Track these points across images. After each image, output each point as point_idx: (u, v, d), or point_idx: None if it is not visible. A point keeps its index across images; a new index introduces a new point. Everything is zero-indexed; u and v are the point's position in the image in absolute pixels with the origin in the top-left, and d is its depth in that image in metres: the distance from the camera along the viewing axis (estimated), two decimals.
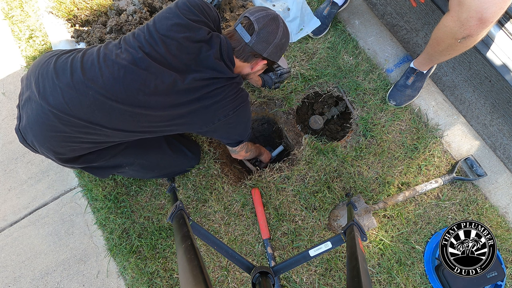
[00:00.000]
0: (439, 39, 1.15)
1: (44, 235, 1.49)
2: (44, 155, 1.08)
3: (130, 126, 0.99)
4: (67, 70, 0.93)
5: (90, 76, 0.91)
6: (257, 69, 1.15)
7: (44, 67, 0.97)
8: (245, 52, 1.06)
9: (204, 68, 0.98)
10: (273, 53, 1.09)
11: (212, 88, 1.00)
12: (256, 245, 1.40)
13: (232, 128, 1.14)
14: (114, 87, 0.91)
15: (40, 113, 0.94)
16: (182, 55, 0.96)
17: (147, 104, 0.94)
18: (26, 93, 1.00)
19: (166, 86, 0.94)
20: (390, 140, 1.52)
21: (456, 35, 1.05)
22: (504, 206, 1.47)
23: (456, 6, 0.99)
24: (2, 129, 1.67)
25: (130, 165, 1.24)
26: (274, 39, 1.06)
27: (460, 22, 1.00)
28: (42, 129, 0.96)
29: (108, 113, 0.94)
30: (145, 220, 1.47)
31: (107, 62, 0.93)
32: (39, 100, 0.93)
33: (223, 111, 1.04)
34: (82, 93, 0.91)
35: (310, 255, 0.85)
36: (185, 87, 0.96)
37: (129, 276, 1.41)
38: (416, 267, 1.36)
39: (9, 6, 1.91)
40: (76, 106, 0.92)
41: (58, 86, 0.92)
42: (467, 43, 1.08)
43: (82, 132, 0.97)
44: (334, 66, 1.63)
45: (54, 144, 0.99)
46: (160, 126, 1.03)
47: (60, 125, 0.94)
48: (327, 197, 1.44)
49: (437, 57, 1.27)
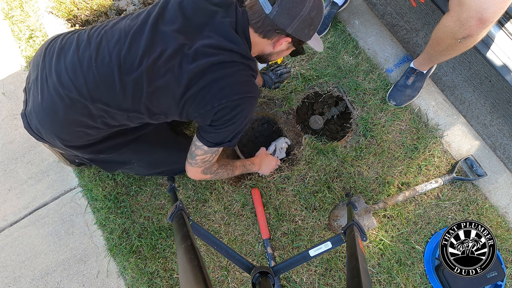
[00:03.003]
0: (439, 39, 1.15)
1: (44, 235, 1.49)
2: (49, 143, 1.02)
3: (130, 101, 0.90)
4: (73, 46, 0.89)
5: (95, 48, 0.86)
6: (280, 48, 0.97)
7: (50, 46, 0.94)
8: (265, 26, 0.89)
9: (216, 35, 0.86)
10: (299, 29, 0.90)
11: (220, 59, 0.86)
12: (256, 245, 1.40)
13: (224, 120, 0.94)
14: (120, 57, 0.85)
15: (45, 94, 0.90)
16: (195, 16, 0.87)
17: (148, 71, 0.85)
18: (33, 74, 0.95)
19: (172, 51, 0.85)
20: (390, 140, 1.52)
21: (456, 35, 1.05)
22: (504, 206, 1.47)
23: (456, 6, 0.99)
24: (2, 129, 1.67)
25: (139, 161, 1.22)
26: (300, 11, 0.86)
27: (460, 22, 1.00)
28: (46, 112, 0.92)
29: (112, 87, 0.87)
30: (145, 220, 1.47)
31: (114, 32, 0.88)
32: (44, 80, 0.90)
33: (227, 91, 0.87)
34: (86, 68, 0.86)
35: (310, 255, 0.85)
36: (191, 52, 0.85)
37: (129, 276, 1.41)
38: (416, 267, 1.36)
39: (9, 6, 1.91)
40: (81, 82, 0.86)
41: (63, 63, 0.88)
42: (467, 43, 1.08)
43: (85, 114, 0.91)
44: (334, 66, 1.63)
45: (59, 129, 0.95)
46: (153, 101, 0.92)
47: (64, 106, 0.89)
48: (327, 197, 1.44)
49: (437, 57, 1.27)
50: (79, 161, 1.48)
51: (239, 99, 0.89)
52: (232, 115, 0.91)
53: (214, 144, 0.98)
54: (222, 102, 0.87)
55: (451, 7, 1.03)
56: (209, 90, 0.87)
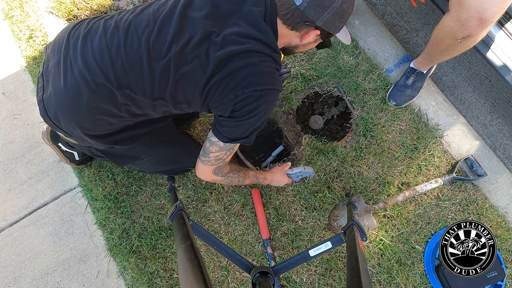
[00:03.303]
0: (439, 39, 1.15)
1: (44, 235, 1.49)
2: (65, 132, 0.98)
3: (157, 88, 0.88)
4: (99, 30, 0.87)
5: (123, 34, 0.85)
6: (307, 40, 0.94)
7: (74, 31, 0.91)
8: (294, 17, 0.86)
9: (244, 24, 0.84)
10: (329, 22, 0.87)
11: (247, 48, 0.83)
12: (256, 245, 1.40)
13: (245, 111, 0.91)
14: (149, 43, 0.84)
15: (69, 78, 0.87)
16: (224, 3, 0.85)
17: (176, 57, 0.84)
18: (54, 59, 0.91)
19: (200, 37, 0.83)
20: (390, 140, 1.52)
21: (456, 35, 1.05)
22: (504, 206, 1.47)
23: (456, 6, 0.99)
24: (2, 129, 1.67)
25: (148, 156, 1.21)
26: (332, 3, 0.83)
27: (460, 22, 1.00)
28: (69, 97, 0.88)
29: (140, 73, 0.85)
30: (145, 220, 1.47)
31: (142, 18, 0.86)
32: (68, 64, 0.87)
33: (251, 80, 0.85)
34: (115, 53, 0.84)
35: (310, 255, 0.85)
36: (219, 40, 0.83)
37: (129, 276, 1.41)
38: (416, 267, 1.36)
39: (9, 6, 1.91)
40: (108, 67, 0.84)
41: (89, 47, 0.86)
42: (467, 43, 1.08)
43: (110, 101, 0.89)
44: (334, 66, 1.63)
45: (81, 116, 0.91)
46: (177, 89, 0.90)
47: (90, 91, 0.86)
48: (327, 197, 1.44)
49: (437, 57, 1.27)
50: (80, 160, 1.49)
51: (262, 90, 0.87)
52: (254, 107, 0.88)
53: (231, 139, 0.95)
54: (245, 92, 0.85)
55: (451, 7, 1.03)
56: (233, 78, 0.84)
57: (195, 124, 1.61)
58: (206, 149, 1.00)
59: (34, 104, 1.72)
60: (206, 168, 1.04)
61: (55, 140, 1.40)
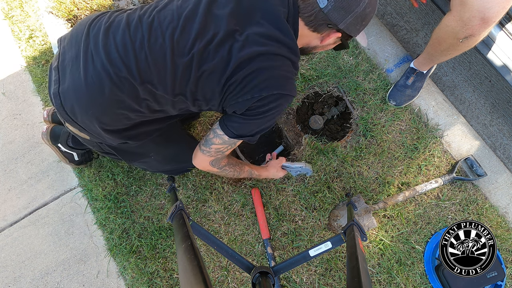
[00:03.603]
0: (441, 38, 1.15)
1: (44, 235, 1.49)
2: (81, 126, 0.96)
3: (178, 84, 0.89)
4: (122, 24, 0.87)
5: (147, 29, 0.85)
6: (327, 42, 0.95)
7: (95, 23, 0.90)
8: (317, 19, 0.86)
9: (267, 24, 0.84)
10: (351, 25, 0.87)
11: (268, 50, 0.84)
12: (256, 245, 1.40)
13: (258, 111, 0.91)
14: (173, 39, 0.84)
15: (90, 70, 0.86)
16: (248, 1, 0.85)
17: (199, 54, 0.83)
18: (72, 51, 0.90)
19: (223, 35, 0.83)
20: (390, 140, 1.52)
21: (458, 34, 1.05)
22: (504, 206, 1.47)
23: (458, 6, 0.99)
24: (2, 129, 1.67)
25: (156, 154, 1.21)
26: (356, 7, 0.84)
27: (463, 22, 1.00)
28: (90, 90, 0.87)
29: (163, 69, 0.85)
30: (145, 220, 1.47)
31: (166, 13, 0.86)
32: (89, 56, 0.86)
33: (269, 83, 0.85)
34: (139, 48, 0.84)
35: (310, 255, 0.85)
36: (242, 39, 0.83)
37: (129, 276, 1.41)
38: (416, 267, 1.36)
39: (9, 6, 1.91)
40: (131, 61, 0.84)
41: (112, 41, 0.85)
42: (469, 43, 1.08)
43: (131, 96, 0.89)
44: (334, 66, 1.63)
45: (100, 109, 0.90)
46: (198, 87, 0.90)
47: (112, 84, 0.86)
48: (327, 197, 1.44)
49: (438, 57, 1.27)
50: (80, 160, 1.49)
51: (279, 95, 0.88)
52: (267, 109, 0.90)
53: (236, 135, 0.96)
54: (263, 94, 0.86)
55: (453, 6, 1.02)
56: (252, 79, 0.85)
57: (195, 124, 1.61)
58: (209, 140, 1.01)
59: (34, 104, 1.72)
60: (204, 158, 1.06)
61: (55, 140, 1.40)
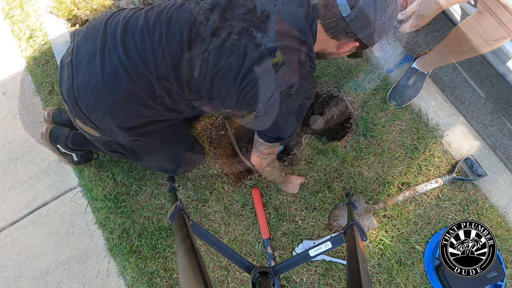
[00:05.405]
0: (465, 40, 1.12)
1: (44, 235, 1.49)
2: (93, 123, 0.96)
3: (194, 81, 0.89)
4: (140, 20, 0.87)
5: (165, 25, 0.85)
6: (344, 50, 0.94)
7: (112, 19, 0.90)
8: (338, 27, 0.86)
9: (286, 22, 0.84)
10: (370, 36, 0.87)
11: (285, 45, 0.83)
12: (256, 245, 1.40)
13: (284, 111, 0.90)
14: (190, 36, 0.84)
15: (108, 66, 0.86)
16: (266, 1, 0.85)
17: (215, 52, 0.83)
18: (87, 46, 0.89)
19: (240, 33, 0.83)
20: (390, 140, 1.52)
21: (490, 36, 1.04)
22: (504, 206, 1.46)
23: (496, 8, 0.98)
24: (2, 129, 1.67)
25: (163, 154, 1.22)
26: (378, 20, 0.82)
27: (501, 23, 0.99)
28: (107, 85, 0.87)
29: (180, 66, 0.86)
30: (145, 220, 1.47)
31: (183, 10, 0.86)
32: (106, 52, 0.86)
33: (288, 78, 0.84)
34: (157, 44, 0.84)
35: (310, 255, 0.85)
36: (259, 36, 0.83)
37: (129, 276, 1.41)
38: (416, 267, 1.36)
39: (9, 6, 1.91)
40: (149, 57, 0.84)
41: (130, 36, 0.86)
42: (498, 44, 1.08)
43: (147, 92, 0.89)
44: (334, 66, 1.63)
45: (115, 105, 0.90)
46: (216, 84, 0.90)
47: (129, 80, 0.86)
48: (327, 197, 1.44)
49: (454, 58, 1.25)
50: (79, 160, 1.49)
51: (299, 88, 0.87)
52: (291, 104, 0.89)
53: (274, 139, 0.98)
54: (282, 89, 0.85)
55: (484, 8, 1.01)
56: (270, 75, 0.84)
57: (195, 124, 1.61)
58: (258, 147, 1.05)
59: (34, 104, 1.72)
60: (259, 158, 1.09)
61: (54, 141, 1.40)
